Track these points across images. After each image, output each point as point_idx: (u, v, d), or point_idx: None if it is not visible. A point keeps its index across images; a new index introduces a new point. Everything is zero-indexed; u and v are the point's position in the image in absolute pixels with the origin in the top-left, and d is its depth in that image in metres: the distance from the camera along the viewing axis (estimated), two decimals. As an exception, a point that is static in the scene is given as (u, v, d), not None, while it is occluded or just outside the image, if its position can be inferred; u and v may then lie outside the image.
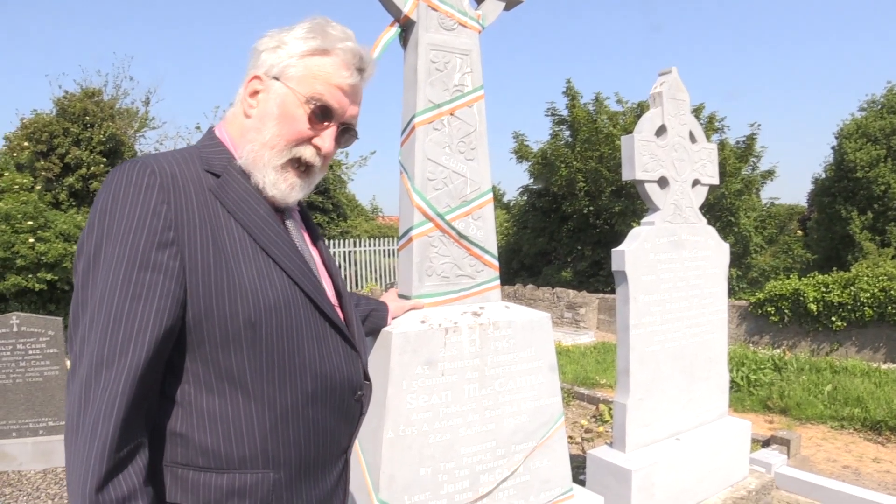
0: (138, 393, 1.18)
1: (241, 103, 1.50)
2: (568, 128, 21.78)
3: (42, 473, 5.61)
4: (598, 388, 8.45)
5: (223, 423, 1.30)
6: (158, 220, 1.24)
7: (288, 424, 1.36)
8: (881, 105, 22.92)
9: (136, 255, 1.21)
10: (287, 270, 1.39)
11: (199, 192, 1.34)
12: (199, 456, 1.30)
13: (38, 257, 11.33)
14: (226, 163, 1.43)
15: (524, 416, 3.01)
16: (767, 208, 23.46)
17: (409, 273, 2.95)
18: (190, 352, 1.30)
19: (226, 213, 1.36)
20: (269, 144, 1.43)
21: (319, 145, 1.47)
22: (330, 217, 22.92)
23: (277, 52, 1.46)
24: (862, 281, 11.26)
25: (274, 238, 1.40)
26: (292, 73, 1.44)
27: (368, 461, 2.69)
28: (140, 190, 1.25)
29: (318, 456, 1.45)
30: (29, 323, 5.77)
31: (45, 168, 15.01)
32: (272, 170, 1.43)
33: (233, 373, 1.31)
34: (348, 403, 1.52)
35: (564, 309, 15.45)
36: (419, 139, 2.92)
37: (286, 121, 1.44)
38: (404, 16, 2.94)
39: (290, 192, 1.46)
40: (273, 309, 1.33)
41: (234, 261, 1.32)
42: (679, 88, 4.35)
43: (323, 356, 1.43)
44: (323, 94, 1.44)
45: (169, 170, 1.31)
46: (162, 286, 1.22)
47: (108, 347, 1.16)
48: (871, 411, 6.83)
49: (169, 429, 1.30)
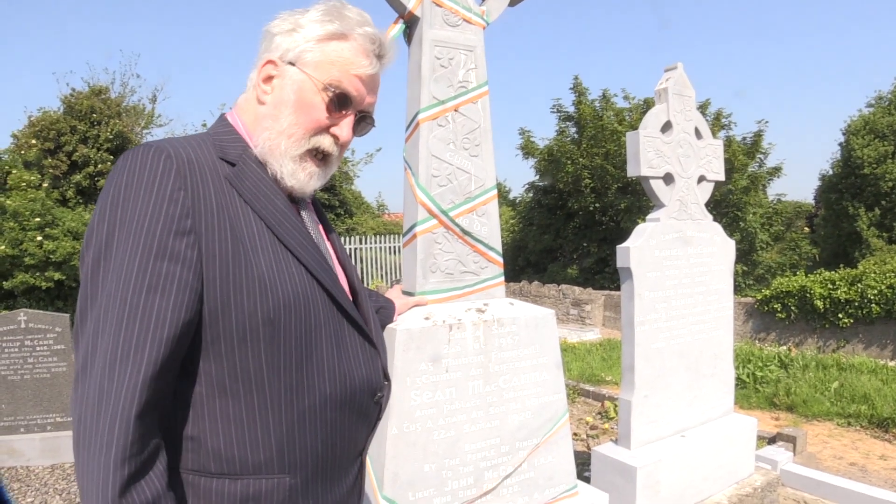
0: (156, 391, 1.12)
1: (255, 89, 1.42)
2: (574, 124, 21.76)
3: (50, 469, 5.64)
4: (604, 384, 8.45)
5: (237, 426, 1.23)
6: (175, 206, 1.17)
7: (305, 428, 1.30)
8: (889, 101, 22.84)
9: (152, 243, 1.14)
10: (305, 264, 1.32)
11: (216, 179, 1.27)
12: (212, 461, 1.23)
13: (46, 255, 11.35)
14: (241, 151, 1.36)
15: (528, 412, 3.01)
16: (774, 205, 23.39)
17: (413, 269, 2.95)
18: (204, 349, 1.22)
19: (242, 203, 1.29)
20: (287, 133, 1.36)
21: (338, 134, 1.41)
22: (336, 214, 22.94)
23: (293, 35, 1.38)
24: (869, 278, 11.21)
25: (292, 230, 1.34)
26: (309, 59, 1.37)
27: (373, 457, 2.69)
28: (155, 175, 1.18)
29: (336, 459, 1.38)
30: (36, 319, 5.80)
31: (53, 165, 15.06)
32: (290, 160, 1.37)
33: (249, 373, 1.23)
34: (367, 405, 1.45)
35: (570, 306, 15.44)
36: (423, 136, 2.92)
37: (303, 108, 1.37)
38: (408, 12, 2.94)
39: (308, 181, 1.40)
40: (293, 304, 1.27)
41: (253, 252, 1.25)
42: (685, 84, 4.34)
43: (342, 355, 1.37)
44: (341, 80, 1.37)
45: (185, 155, 1.24)
46: (180, 277, 1.15)
47: (122, 343, 1.09)
48: (877, 408, 6.80)
49: (180, 433, 1.23)
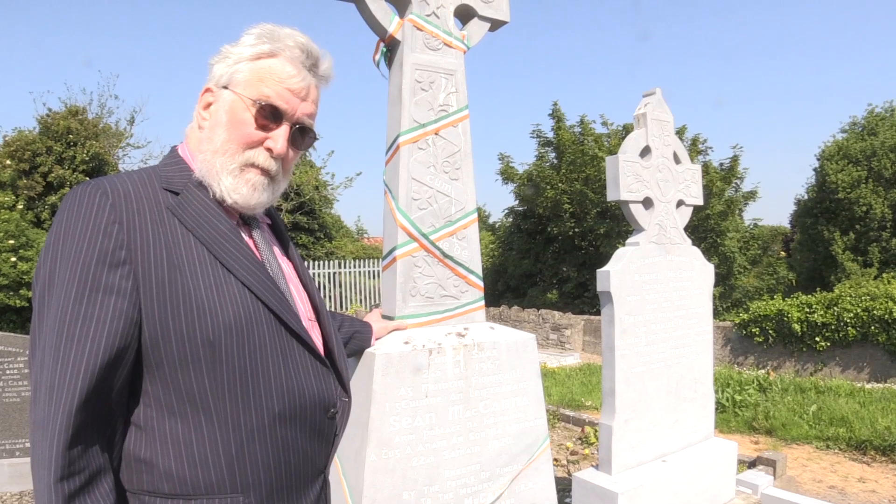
0: (94, 415, 1.17)
1: (196, 117, 1.48)
2: (553, 149, 21.95)
3: (18, 496, 5.49)
4: (584, 409, 8.42)
5: (187, 447, 1.27)
6: (109, 240, 1.22)
7: (255, 446, 1.32)
8: (862, 127, 23.31)
9: (86, 276, 1.20)
10: (249, 286, 1.35)
11: (154, 210, 1.31)
12: (165, 482, 1.26)
13: (20, 276, 11.23)
14: (186, 180, 1.40)
15: (509, 438, 2.97)
16: (751, 229, 23.68)
17: (392, 293, 2.92)
18: (149, 374, 1.27)
19: (184, 231, 1.32)
20: (221, 151, 1.40)
21: (271, 147, 1.43)
22: (315, 238, 22.85)
23: (226, 60, 1.44)
24: (845, 301, 11.36)
25: (235, 253, 1.37)
26: (239, 79, 1.42)
27: (351, 483, 2.64)
28: (91, 211, 1.23)
29: (292, 477, 1.40)
30: (6, 342, 5.67)
31: (28, 186, 14.90)
32: (227, 174, 1.40)
33: (194, 394, 1.27)
34: (321, 422, 1.47)
35: (550, 330, 15.44)
36: (404, 159, 2.91)
37: (234, 125, 1.41)
38: (389, 35, 2.95)
39: (252, 193, 1.42)
40: (233, 326, 1.30)
41: (192, 278, 1.29)
42: (663, 109, 4.38)
43: (290, 373, 1.39)
44: (269, 95, 1.41)
45: (122, 189, 1.28)
46: (114, 307, 1.20)
47: (59, 372, 1.14)
48: (855, 431, 6.83)
49: (133, 454, 1.27)
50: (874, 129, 22.64)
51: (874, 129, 22.60)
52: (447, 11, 3.08)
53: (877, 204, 20.89)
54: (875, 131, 22.47)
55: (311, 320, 1.55)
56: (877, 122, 22.96)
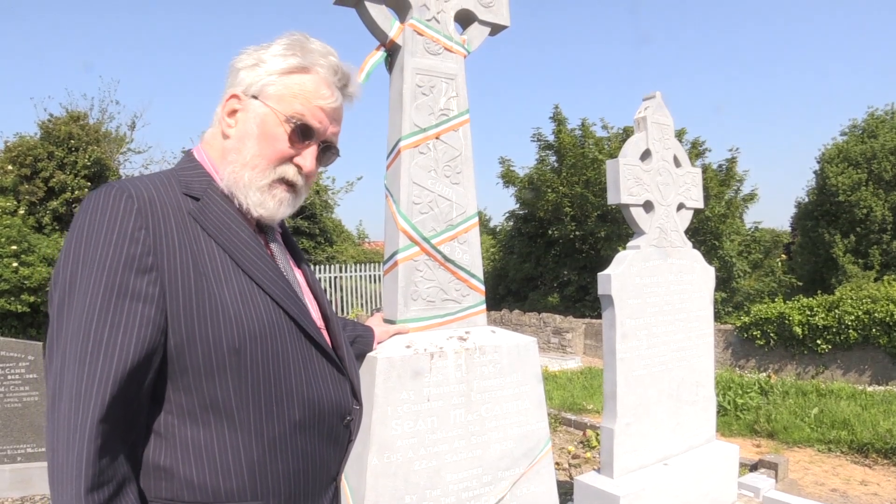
0: (124, 422, 1.16)
1: (220, 123, 1.46)
2: (554, 153, 21.93)
3: (20, 501, 5.49)
4: (586, 413, 8.41)
5: (209, 454, 1.26)
6: (137, 245, 1.20)
7: (276, 454, 1.32)
8: (862, 129, 23.28)
9: (114, 282, 1.17)
10: (271, 294, 1.35)
11: (178, 215, 1.30)
12: (185, 490, 1.25)
13: (21, 281, 11.24)
14: (206, 185, 1.39)
15: (511, 441, 2.98)
16: (752, 233, 23.65)
17: (394, 297, 2.92)
18: (172, 381, 1.25)
19: (206, 237, 1.32)
20: (251, 164, 1.39)
21: (301, 164, 1.43)
22: (316, 242, 22.85)
23: (256, 69, 1.42)
24: (846, 304, 11.34)
25: (257, 261, 1.37)
26: (272, 92, 1.41)
27: (353, 487, 2.64)
28: (117, 215, 1.21)
29: (308, 484, 1.40)
30: (8, 347, 5.67)
31: (29, 192, 14.88)
32: (256, 190, 1.40)
33: (217, 402, 1.26)
34: (337, 429, 1.48)
35: (551, 334, 15.44)
36: (405, 163, 2.92)
37: (266, 140, 1.40)
38: (390, 40, 2.96)
39: (278, 208, 1.43)
40: (258, 334, 1.30)
41: (217, 286, 1.28)
42: (663, 113, 4.39)
43: (310, 382, 1.39)
44: (303, 113, 1.41)
45: (147, 194, 1.27)
46: (141, 314, 1.19)
47: (86, 378, 1.12)
48: (857, 434, 6.83)
49: (153, 462, 1.26)
50: (874, 131, 22.59)
51: (874, 132, 22.54)
52: (448, 16, 3.09)
53: (877, 206, 20.85)
54: (875, 134, 22.42)
55: (321, 329, 1.55)
56: (877, 125, 22.92)
